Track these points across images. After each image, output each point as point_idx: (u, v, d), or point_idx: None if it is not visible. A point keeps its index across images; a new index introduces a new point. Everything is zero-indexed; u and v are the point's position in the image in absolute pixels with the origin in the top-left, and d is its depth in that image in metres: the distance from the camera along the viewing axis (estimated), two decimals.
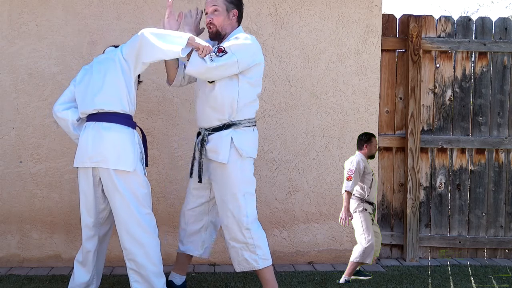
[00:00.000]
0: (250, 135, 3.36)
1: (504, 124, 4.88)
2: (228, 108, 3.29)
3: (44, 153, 4.33)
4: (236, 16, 3.39)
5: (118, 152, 3.25)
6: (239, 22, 3.45)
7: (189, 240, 3.68)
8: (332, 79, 4.56)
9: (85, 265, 3.48)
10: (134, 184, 3.29)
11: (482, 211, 4.90)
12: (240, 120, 3.31)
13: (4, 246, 4.35)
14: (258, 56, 3.32)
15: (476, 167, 4.89)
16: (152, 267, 3.33)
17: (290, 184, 4.56)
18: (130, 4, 4.36)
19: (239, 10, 3.40)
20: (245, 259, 3.31)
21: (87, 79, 3.40)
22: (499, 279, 4.26)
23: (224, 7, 3.33)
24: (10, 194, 4.33)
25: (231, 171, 3.29)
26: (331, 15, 4.53)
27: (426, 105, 4.81)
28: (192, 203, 3.63)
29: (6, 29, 4.28)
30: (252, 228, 3.29)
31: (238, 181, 3.29)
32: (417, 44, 4.68)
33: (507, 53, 4.85)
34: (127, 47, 3.32)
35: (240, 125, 3.31)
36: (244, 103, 3.31)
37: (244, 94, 3.30)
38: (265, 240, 3.38)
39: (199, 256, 3.72)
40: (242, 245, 3.30)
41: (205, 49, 3.16)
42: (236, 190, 3.29)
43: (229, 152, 3.27)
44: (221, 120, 3.31)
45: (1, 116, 4.31)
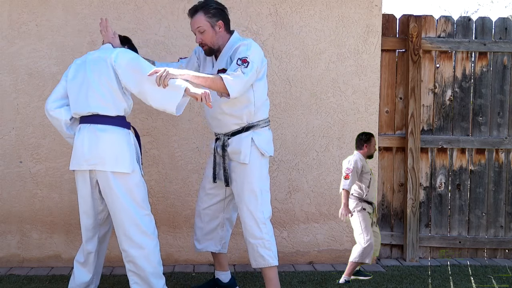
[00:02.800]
0: (267, 134, 3.49)
1: (504, 124, 4.88)
2: (246, 112, 3.37)
3: (44, 153, 4.33)
4: (223, 27, 3.39)
5: (115, 154, 3.22)
6: (228, 29, 3.45)
7: (207, 237, 3.72)
8: (332, 79, 4.56)
9: (86, 266, 3.47)
10: (131, 185, 3.26)
11: (482, 211, 4.89)
12: (257, 121, 3.42)
13: (4, 246, 4.35)
14: (264, 59, 3.41)
15: (476, 167, 4.88)
16: (151, 269, 3.30)
17: (290, 184, 4.56)
18: (130, 4, 4.36)
19: (224, 19, 3.41)
20: (261, 255, 3.39)
21: (80, 77, 3.29)
22: (499, 279, 4.26)
23: (208, 24, 3.33)
24: (10, 194, 4.33)
25: (251, 170, 3.39)
26: (331, 15, 4.53)
27: (426, 105, 4.81)
28: (207, 202, 3.67)
29: (6, 29, 4.28)
30: (268, 224, 3.41)
31: (256, 179, 3.39)
32: (417, 44, 4.68)
33: (507, 53, 4.84)
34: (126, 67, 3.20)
35: (258, 126, 3.42)
36: (259, 104, 3.41)
37: (259, 96, 3.39)
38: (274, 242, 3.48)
39: (218, 252, 3.75)
40: (259, 241, 3.38)
41: (203, 96, 3.04)
42: (255, 186, 3.39)
43: (250, 152, 3.37)
44: (240, 124, 3.40)
45: (1, 116, 4.31)
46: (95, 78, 3.24)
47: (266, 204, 3.43)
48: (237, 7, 4.43)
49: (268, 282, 3.44)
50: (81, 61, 3.38)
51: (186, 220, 4.43)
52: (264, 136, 3.44)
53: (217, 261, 3.79)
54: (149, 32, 4.37)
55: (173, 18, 4.35)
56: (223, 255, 3.78)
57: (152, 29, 4.37)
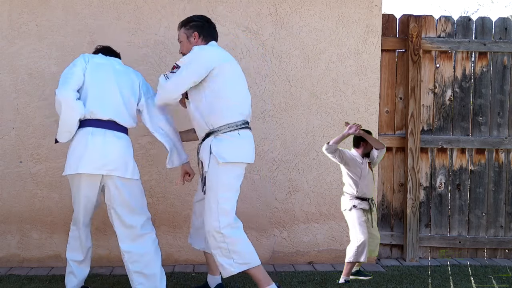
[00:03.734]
0: (232, 140, 3.28)
1: (504, 124, 4.88)
2: (201, 118, 3.31)
3: (44, 153, 4.33)
4: (197, 38, 3.43)
5: (127, 161, 3.34)
6: (207, 39, 3.45)
7: (196, 233, 3.72)
8: (332, 79, 4.56)
9: (85, 261, 3.57)
10: (137, 190, 3.41)
11: (482, 211, 4.90)
12: (219, 126, 3.28)
13: (4, 246, 4.35)
14: (214, 61, 3.27)
15: (476, 167, 4.89)
16: (156, 270, 3.39)
17: (290, 184, 4.56)
18: (130, 4, 4.36)
19: (199, 31, 3.43)
20: (221, 264, 3.26)
21: (105, 80, 3.36)
22: (499, 279, 4.26)
23: (185, 36, 3.46)
24: (10, 194, 4.34)
25: (209, 178, 3.28)
26: (331, 15, 4.53)
27: (426, 105, 4.81)
28: (200, 195, 3.63)
29: (6, 29, 4.29)
30: (226, 233, 3.22)
31: (213, 187, 3.25)
32: (417, 44, 4.68)
33: (507, 53, 4.85)
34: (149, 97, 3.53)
35: (220, 132, 3.27)
36: (214, 109, 3.27)
37: (210, 101, 3.27)
38: (245, 245, 3.28)
39: (203, 250, 3.71)
40: (217, 250, 3.25)
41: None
42: (211, 195, 3.26)
43: (210, 160, 3.27)
44: (204, 130, 3.34)
45: (1, 116, 4.31)
46: (123, 89, 3.40)
47: (223, 212, 3.23)
48: (237, 7, 4.43)
49: (257, 283, 3.33)
50: (101, 62, 3.43)
51: (186, 220, 4.43)
52: (225, 142, 3.26)
53: (207, 262, 3.74)
54: (149, 32, 4.37)
55: (173, 18, 4.35)
56: (211, 256, 3.64)
57: (152, 29, 4.37)
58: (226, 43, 4.39)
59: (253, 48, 4.47)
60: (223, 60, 3.31)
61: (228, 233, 3.23)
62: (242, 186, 4.46)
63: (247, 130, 3.37)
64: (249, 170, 4.47)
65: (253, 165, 4.48)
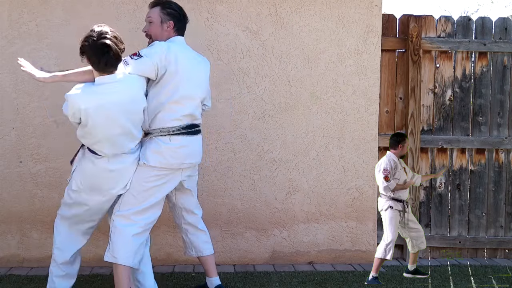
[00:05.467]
0: (159, 144, 3.29)
1: (504, 124, 4.88)
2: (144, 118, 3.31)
3: (44, 153, 4.33)
4: (172, 28, 3.40)
5: None
6: (179, 33, 3.44)
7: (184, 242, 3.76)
8: (332, 79, 4.56)
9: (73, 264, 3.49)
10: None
11: (482, 211, 4.90)
12: (152, 129, 3.32)
13: (4, 246, 4.35)
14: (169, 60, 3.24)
15: (476, 167, 4.89)
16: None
17: (290, 184, 4.56)
18: (130, 4, 4.36)
19: (176, 22, 3.41)
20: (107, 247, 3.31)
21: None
22: (499, 279, 4.26)
23: (159, 19, 3.38)
24: (10, 194, 4.33)
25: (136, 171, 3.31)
26: (331, 15, 4.53)
27: (426, 105, 4.81)
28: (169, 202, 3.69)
29: (6, 29, 4.28)
30: (117, 223, 3.27)
31: (133, 180, 3.29)
32: (417, 44, 4.68)
33: (507, 53, 4.85)
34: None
35: (152, 134, 3.32)
36: (153, 112, 3.29)
37: (149, 104, 3.28)
38: (125, 242, 3.26)
39: (196, 256, 3.71)
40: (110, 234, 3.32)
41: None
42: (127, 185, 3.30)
43: (139, 157, 3.31)
44: (145, 129, 3.35)
45: (1, 116, 4.31)
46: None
47: (126, 205, 3.28)
48: (237, 7, 4.43)
49: (115, 281, 3.30)
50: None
51: None
52: (150, 146, 3.29)
53: (203, 266, 3.75)
54: None
55: None
56: (205, 259, 3.68)
57: None
58: (226, 43, 4.39)
59: (253, 48, 4.47)
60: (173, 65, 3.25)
61: (119, 224, 3.26)
62: (243, 186, 4.50)
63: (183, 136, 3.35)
64: (249, 170, 4.48)
65: (253, 165, 4.48)
